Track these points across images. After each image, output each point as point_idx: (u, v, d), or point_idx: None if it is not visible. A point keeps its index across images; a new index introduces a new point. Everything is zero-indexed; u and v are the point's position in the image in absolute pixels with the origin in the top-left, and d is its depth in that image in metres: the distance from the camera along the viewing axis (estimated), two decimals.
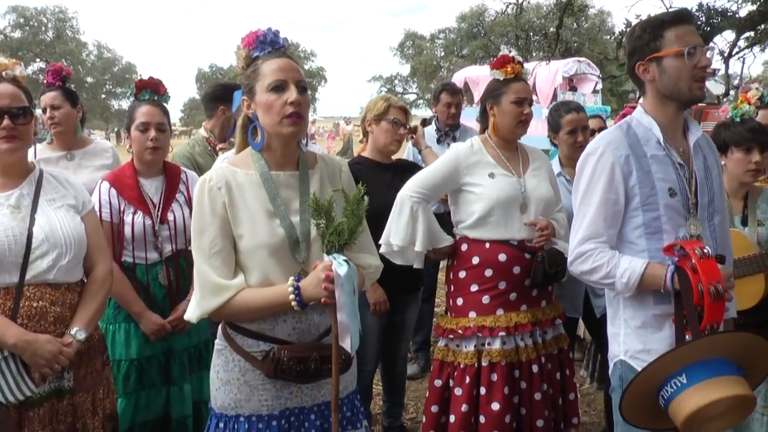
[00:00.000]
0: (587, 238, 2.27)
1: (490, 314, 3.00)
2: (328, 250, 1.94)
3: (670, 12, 2.29)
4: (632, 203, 2.23)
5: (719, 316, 2.01)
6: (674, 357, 1.97)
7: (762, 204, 3.10)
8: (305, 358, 2.00)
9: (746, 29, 6.31)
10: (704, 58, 2.18)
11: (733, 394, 1.92)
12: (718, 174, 2.36)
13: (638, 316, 2.26)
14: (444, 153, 3.24)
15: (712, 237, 2.30)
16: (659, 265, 2.16)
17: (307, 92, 2.07)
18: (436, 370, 3.12)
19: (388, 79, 52.44)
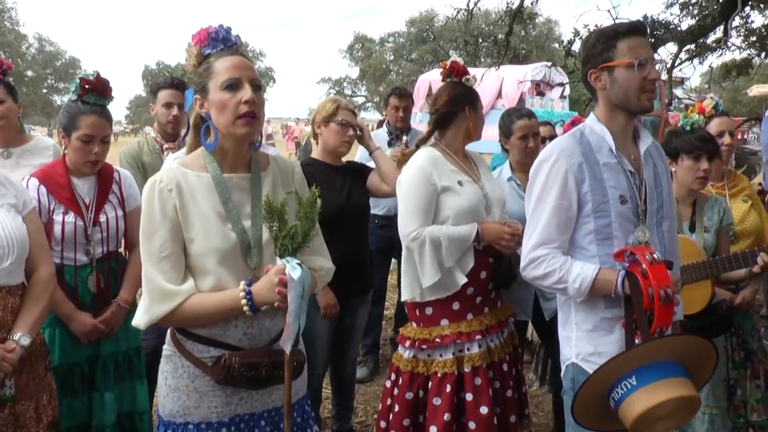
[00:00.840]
0: (540, 244, 2.29)
1: (462, 320, 2.99)
2: (282, 253, 1.91)
3: (625, 24, 2.33)
4: (584, 210, 2.26)
5: (668, 320, 2.06)
6: (625, 360, 2.01)
7: (708, 211, 3.20)
8: (256, 364, 1.96)
9: (687, 42, 6.53)
10: (653, 71, 2.23)
11: (679, 395, 1.97)
12: (667, 181, 2.42)
13: (589, 320, 2.30)
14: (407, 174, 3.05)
15: (661, 243, 2.35)
16: (610, 271, 2.20)
17: (261, 91, 2.02)
18: (405, 382, 3.02)
19: (337, 81, 52.37)
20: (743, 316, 3.46)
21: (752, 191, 3.62)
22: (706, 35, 7.10)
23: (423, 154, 3.04)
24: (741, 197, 3.51)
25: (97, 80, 2.95)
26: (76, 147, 2.92)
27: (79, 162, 2.94)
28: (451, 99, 3.06)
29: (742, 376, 3.43)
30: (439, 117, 3.08)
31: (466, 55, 36.13)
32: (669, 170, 2.50)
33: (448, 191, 2.94)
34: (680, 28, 6.44)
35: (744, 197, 3.51)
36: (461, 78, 3.12)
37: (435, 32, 38.54)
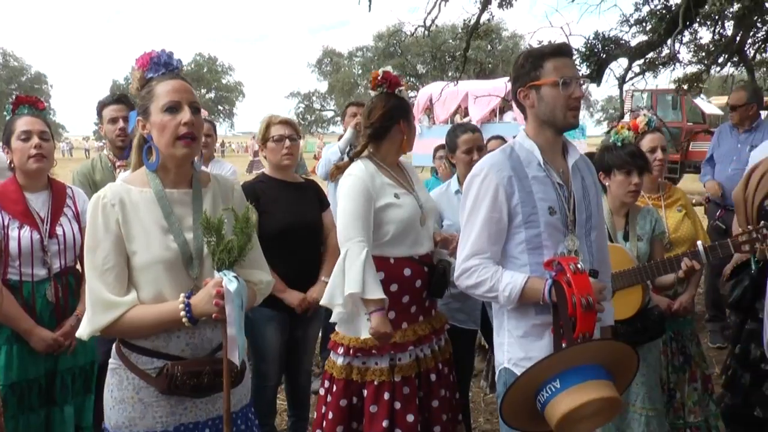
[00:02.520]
0: (472, 254, 2.40)
1: (397, 329, 3.00)
2: (219, 266, 2.00)
3: (551, 45, 2.47)
4: (515, 221, 2.38)
5: (590, 326, 2.16)
6: (549, 364, 2.12)
7: (641, 221, 3.35)
8: (198, 372, 2.04)
9: (637, 57, 6.77)
10: (578, 90, 2.35)
11: (600, 396, 2.08)
12: (595, 194, 2.55)
13: (521, 327, 2.41)
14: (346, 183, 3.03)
15: (589, 252, 2.48)
16: (539, 279, 2.31)
17: (200, 113, 2.13)
18: (340, 390, 3.00)
19: (306, 95, 52.54)
20: (682, 322, 3.62)
21: (687, 201, 3.79)
22: (654, 50, 7.35)
23: (360, 167, 3.03)
24: (676, 207, 3.68)
25: (27, 96, 3.10)
26: (17, 148, 2.98)
27: (23, 161, 2.98)
28: (386, 113, 3.04)
29: (681, 379, 3.58)
30: (374, 131, 3.08)
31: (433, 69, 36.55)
32: (597, 183, 2.63)
33: (387, 208, 2.97)
34: (630, 44, 6.65)
35: (679, 207, 3.68)
36: (394, 89, 3.11)
37: (402, 47, 38.93)
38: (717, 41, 8.09)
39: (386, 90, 3.11)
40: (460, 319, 3.62)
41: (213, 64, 63.74)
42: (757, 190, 3.58)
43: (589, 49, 6.39)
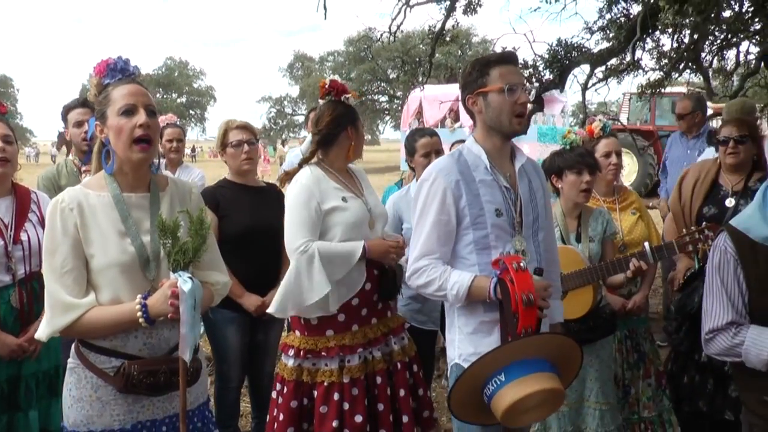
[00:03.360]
0: (422, 255, 2.50)
1: (347, 331, 3.06)
2: (174, 268, 2.07)
3: (497, 53, 2.60)
4: (463, 223, 2.47)
5: (532, 321, 2.26)
6: (493, 358, 2.20)
7: (593, 222, 3.46)
8: (155, 371, 2.10)
9: (599, 64, 6.91)
10: (523, 96, 2.46)
11: (543, 387, 2.17)
12: (542, 196, 2.65)
13: (470, 324, 2.51)
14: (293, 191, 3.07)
15: (536, 251, 2.57)
16: (485, 278, 2.41)
17: (156, 116, 2.19)
18: (291, 391, 3.04)
19: (278, 100, 52.38)
20: (636, 320, 3.74)
21: (640, 204, 3.92)
22: (616, 57, 7.50)
23: (306, 172, 3.07)
24: (630, 210, 3.80)
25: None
26: None
27: None
28: (333, 119, 3.09)
29: (635, 376, 3.70)
30: (322, 137, 3.13)
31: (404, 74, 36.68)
32: (546, 186, 2.73)
33: (334, 211, 3.01)
34: (591, 50, 6.79)
35: (633, 210, 3.81)
36: (341, 97, 3.16)
37: (373, 52, 39.06)
38: (676, 49, 8.29)
39: (334, 98, 3.17)
40: (419, 320, 3.69)
41: (184, 68, 63.31)
42: (693, 197, 3.73)
43: (552, 55, 6.48)
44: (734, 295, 2.23)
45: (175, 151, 5.33)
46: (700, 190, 3.81)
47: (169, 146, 5.29)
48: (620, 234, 3.65)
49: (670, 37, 8.74)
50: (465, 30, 38.59)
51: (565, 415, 3.35)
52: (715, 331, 2.25)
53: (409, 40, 28.10)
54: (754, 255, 2.20)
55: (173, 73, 62.15)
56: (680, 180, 3.98)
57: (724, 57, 10.06)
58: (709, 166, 3.86)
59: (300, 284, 2.93)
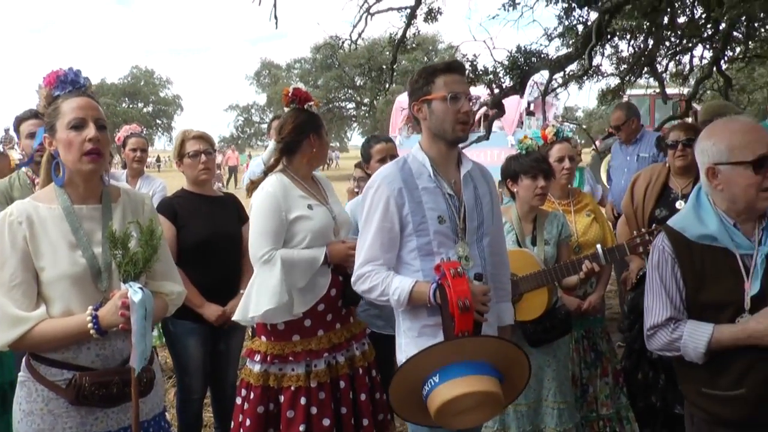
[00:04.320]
0: (366, 261, 2.56)
1: (313, 336, 3.10)
2: (125, 278, 2.08)
3: (443, 62, 2.63)
4: (407, 230, 2.53)
5: (469, 326, 2.29)
6: (426, 357, 2.23)
7: (548, 225, 3.54)
8: (107, 382, 2.10)
9: (557, 70, 7.04)
10: (466, 104, 2.51)
11: (472, 390, 2.18)
12: (489, 202, 2.69)
13: (414, 328, 2.56)
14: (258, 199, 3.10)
15: (481, 257, 2.61)
16: (425, 283, 2.46)
17: (106, 130, 2.19)
18: (258, 396, 3.07)
19: (245, 108, 52.09)
20: (593, 321, 3.84)
21: (595, 206, 4.02)
22: (574, 63, 7.65)
23: (273, 180, 3.10)
24: (585, 212, 3.90)
25: None
26: None
27: None
28: (295, 127, 3.12)
29: (593, 375, 3.79)
30: (285, 145, 3.16)
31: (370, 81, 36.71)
32: (494, 192, 2.77)
33: (299, 219, 3.04)
34: (550, 57, 6.91)
35: (588, 212, 3.90)
36: (304, 105, 3.19)
37: (339, 58, 39.11)
38: (633, 54, 8.50)
39: (297, 106, 3.20)
40: (378, 325, 3.73)
41: (150, 77, 62.52)
42: (645, 200, 3.85)
43: (512, 62, 6.60)
44: (672, 292, 2.31)
45: (138, 160, 5.32)
46: (651, 194, 3.92)
47: (132, 156, 5.28)
48: (575, 236, 3.74)
49: (628, 43, 8.98)
50: (431, 37, 38.84)
51: (524, 414, 3.42)
52: (656, 327, 2.34)
53: (375, 47, 28.15)
54: (689, 253, 2.29)
55: (139, 82, 61.37)
56: (632, 184, 4.10)
57: (680, 62, 10.35)
58: (659, 170, 3.98)
59: (263, 291, 2.98)
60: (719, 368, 2.25)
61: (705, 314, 2.28)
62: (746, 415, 2.22)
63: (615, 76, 9.00)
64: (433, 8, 7.58)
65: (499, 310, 2.77)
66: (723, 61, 9.28)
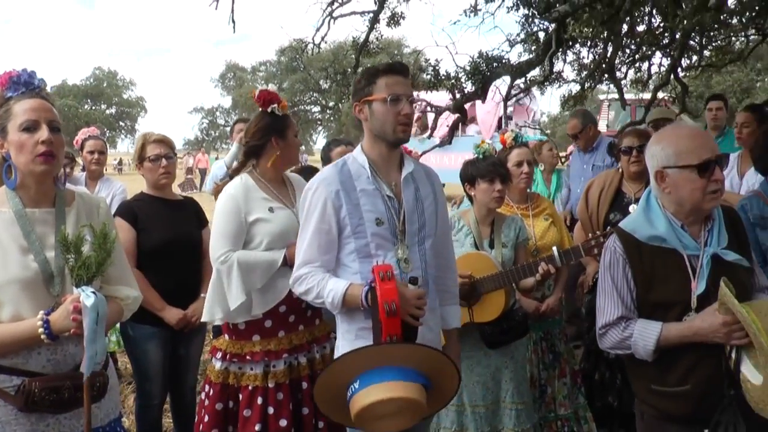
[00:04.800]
0: (304, 263, 2.54)
1: (273, 337, 3.12)
2: (77, 283, 2.05)
3: (385, 63, 2.62)
4: (345, 232, 2.52)
5: (396, 329, 2.28)
6: (354, 360, 2.24)
7: (505, 229, 3.60)
8: (58, 387, 2.07)
9: (518, 75, 7.15)
10: (407, 107, 2.50)
11: (390, 396, 2.15)
12: (432, 203, 2.66)
13: (352, 330, 2.55)
14: (220, 202, 3.13)
15: (422, 260, 2.59)
16: (358, 286, 2.44)
17: (60, 132, 2.16)
18: (217, 393, 3.11)
19: (210, 110, 51.71)
20: (551, 322, 3.91)
21: (553, 211, 4.10)
22: (535, 69, 7.78)
23: (237, 182, 3.13)
24: (543, 216, 3.96)
25: None
26: None
27: None
28: (258, 131, 3.15)
29: (551, 375, 3.86)
30: (249, 148, 3.19)
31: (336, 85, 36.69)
32: (438, 193, 2.75)
33: (259, 221, 3.06)
34: (511, 62, 7.02)
35: (546, 216, 3.97)
36: (267, 107, 3.18)
37: (305, 62, 39.02)
38: (593, 61, 8.66)
39: (261, 108, 3.21)
40: None
41: (113, 78, 61.61)
42: (600, 205, 3.94)
43: (473, 67, 6.68)
44: (623, 291, 2.38)
45: (96, 163, 5.28)
46: (605, 199, 4.02)
47: (90, 158, 5.24)
48: (533, 239, 3.80)
49: (588, 50, 9.15)
50: (396, 41, 38.97)
51: (482, 415, 3.46)
52: (608, 326, 2.40)
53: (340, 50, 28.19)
54: (639, 254, 2.36)
55: (102, 84, 60.45)
56: (586, 190, 4.19)
57: (640, 69, 10.57)
58: (613, 176, 4.08)
59: (222, 291, 3.04)
60: (667, 365, 2.32)
61: (654, 313, 2.35)
62: (691, 411, 2.28)
63: (576, 82, 9.15)
64: (396, 13, 7.62)
65: (444, 313, 2.77)
66: (680, 69, 9.52)
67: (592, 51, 9.22)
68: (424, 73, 7.09)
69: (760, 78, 34.10)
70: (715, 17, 5.96)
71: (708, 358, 2.26)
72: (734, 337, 2.18)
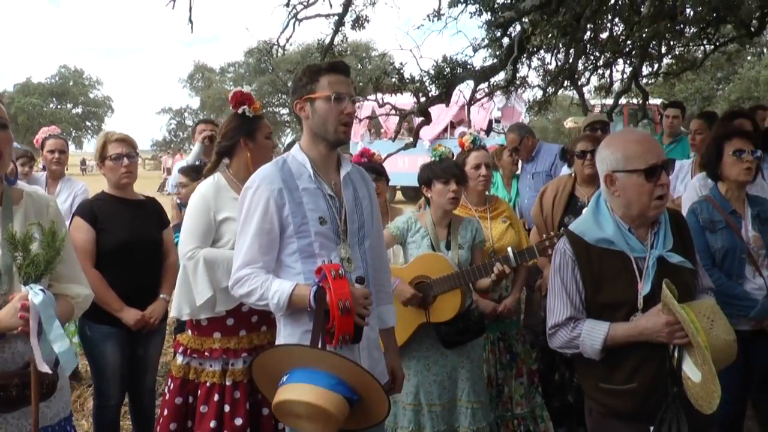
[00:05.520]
0: (245, 264, 2.47)
1: (233, 336, 3.15)
2: (25, 281, 2.04)
3: (328, 62, 2.58)
4: (287, 231, 2.47)
5: (349, 329, 2.27)
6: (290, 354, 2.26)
7: (462, 231, 3.66)
8: (5, 385, 2.05)
9: (482, 80, 7.24)
10: (350, 106, 2.47)
11: (305, 399, 2.12)
12: (369, 204, 2.66)
13: (295, 333, 2.48)
14: (192, 200, 3.19)
15: (363, 259, 2.57)
16: (305, 287, 2.39)
17: (7, 129, 2.14)
18: (176, 387, 3.15)
19: (178, 111, 51.24)
20: (509, 323, 3.97)
21: (511, 213, 4.17)
22: (501, 74, 7.88)
23: (209, 182, 3.17)
24: (501, 218, 4.03)
25: None
26: None
27: None
28: (228, 131, 3.20)
29: (508, 375, 3.92)
30: (220, 150, 3.23)
31: None
32: (373, 195, 2.76)
33: (228, 220, 3.08)
34: (474, 67, 7.10)
35: (503, 218, 4.03)
36: (238, 109, 3.22)
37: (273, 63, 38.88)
38: (556, 67, 8.81)
39: (232, 109, 3.25)
40: None
41: (79, 77, 60.57)
42: (554, 209, 4.03)
43: (437, 71, 6.75)
44: (572, 292, 2.44)
45: (57, 162, 5.23)
46: (559, 203, 4.11)
47: (51, 158, 5.19)
48: (490, 241, 3.86)
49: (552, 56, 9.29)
50: (364, 44, 39.00)
51: (438, 414, 3.50)
52: (557, 326, 2.47)
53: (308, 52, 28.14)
54: (588, 256, 2.43)
55: (68, 83, 59.40)
56: (540, 195, 4.28)
57: (603, 75, 10.77)
58: (566, 181, 4.18)
59: (189, 287, 3.08)
60: (614, 364, 2.39)
61: (602, 313, 2.41)
62: (637, 407, 2.36)
63: (539, 87, 9.29)
64: (360, 16, 7.66)
65: (381, 313, 2.75)
66: (640, 77, 9.73)
67: (556, 57, 9.39)
68: (388, 76, 7.13)
69: (720, 87, 34.92)
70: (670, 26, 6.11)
71: (653, 357, 2.34)
72: (676, 337, 2.26)
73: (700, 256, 3.22)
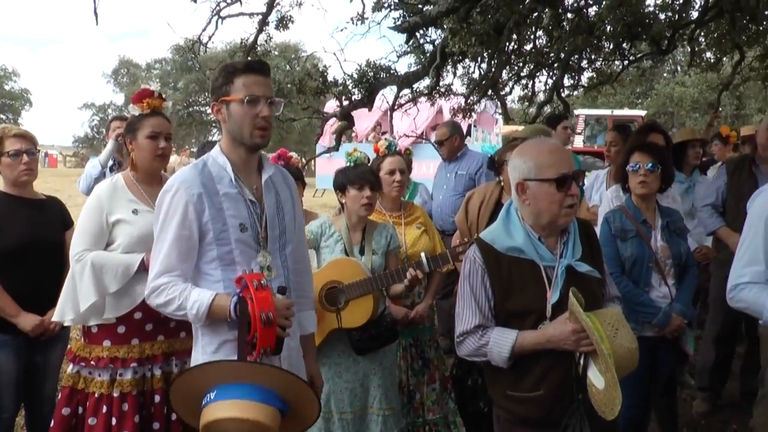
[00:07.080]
0: (162, 273, 2.35)
1: (124, 344, 3.01)
2: None
3: (245, 61, 2.47)
4: (207, 238, 2.35)
5: (271, 341, 2.21)
6: (215, 371, 2.16)
7: (377, 236, 3.62)
8: None
9: (405, 86, 7.26)
10: (264, 109, 2.34)
11: (239, 416, 2.05)
12: (291, 209, 2.58)
13: (213, 343, 2.38)
14: (88, 200, 3.11)
15: (284, 266, 2.50)
16: (225, 296, 2.30)
17: None
18: (65, 397, 3.02)
19: (101, 107, 49.65)
20: (422, 329, 3.97)
21: (426, 219, 4.17)
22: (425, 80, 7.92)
23: (107, 182, 3.08)
24: (416, 224, 4.03)
25: None
26: None
27: None
28: (120, 134, 3.15)
29: (420, 381, 3.92)
30: (119, 149, 3.14)
31: None
32: (296, 198, 2.70)
33: (120, 222, 2.99)
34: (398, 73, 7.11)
35: (418, 224, 4.03)
36: (144, 104, 3.12)
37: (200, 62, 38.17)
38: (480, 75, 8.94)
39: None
40: None
41: None
42: (480, 216, 4.05)
43: (360, 75, 6.73)
44: (481, 300, 2.43)
45: None
46: (485, 210, 4.12)
47: None
48: (404, 247, 3.85)
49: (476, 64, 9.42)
50: (293, 45, 38.70)
51: (349, 422, 3.46)
52: (465, 333, 2.46)
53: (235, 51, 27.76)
54: (497, 264, 2.43)
55: None
56: (466, 201, 4.29)
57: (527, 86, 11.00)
58: (493, 189, 4.20)
59: (75, 290, 2.98)
60: (522, 372, 2.41)
61: (511, 321, 2.42)
62: (544, 414, 2.38)
63: (463, 95, 9.39)
64: (285, 16, 7.57)
65: (302, 319, 2.68)
66: (562, 89, 9.98)
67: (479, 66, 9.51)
68: (312, 78, 7.07)
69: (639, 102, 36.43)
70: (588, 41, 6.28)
71: (560, 364, 2.36)
72: (582, 344, 2.28)
73: (611, 264, 3.32)
